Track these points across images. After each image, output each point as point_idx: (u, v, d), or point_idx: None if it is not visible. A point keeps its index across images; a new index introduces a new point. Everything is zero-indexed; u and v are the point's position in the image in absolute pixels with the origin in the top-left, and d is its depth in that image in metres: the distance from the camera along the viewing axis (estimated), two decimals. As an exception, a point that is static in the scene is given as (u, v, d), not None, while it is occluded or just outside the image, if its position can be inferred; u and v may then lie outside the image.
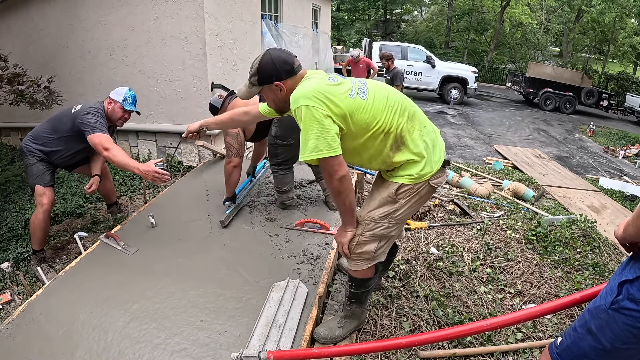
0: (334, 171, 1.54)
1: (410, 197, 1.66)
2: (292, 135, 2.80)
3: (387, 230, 1.71)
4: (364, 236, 1.71)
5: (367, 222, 1.70)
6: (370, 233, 1.70)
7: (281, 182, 3.00)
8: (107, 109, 2.85)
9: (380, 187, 1.73)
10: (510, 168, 6.65)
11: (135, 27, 4.42)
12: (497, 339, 2.09)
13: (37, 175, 2.83)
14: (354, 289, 1.88)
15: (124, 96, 2.85)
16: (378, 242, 1.73)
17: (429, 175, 1.64)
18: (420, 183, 1.64)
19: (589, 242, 3.06)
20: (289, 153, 2.90)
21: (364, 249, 1.73)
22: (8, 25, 5.59)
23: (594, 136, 10.70)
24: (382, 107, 1.59)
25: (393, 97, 1.64)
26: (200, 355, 1.80)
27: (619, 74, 19.40)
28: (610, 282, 1.14)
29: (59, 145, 2.85)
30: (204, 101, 4.37)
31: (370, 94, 1.61)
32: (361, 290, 1.89)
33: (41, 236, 2.85)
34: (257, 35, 5.80)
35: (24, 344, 1.90)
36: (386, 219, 1.69)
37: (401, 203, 1.67)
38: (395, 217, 1.69)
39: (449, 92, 12.75)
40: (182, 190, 3.52)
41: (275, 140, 2.85)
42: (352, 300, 1.93)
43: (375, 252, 1.74)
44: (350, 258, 1.79)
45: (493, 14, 23.43)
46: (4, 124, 6.09)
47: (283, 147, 2.86)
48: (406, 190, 1.65)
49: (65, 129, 2.79)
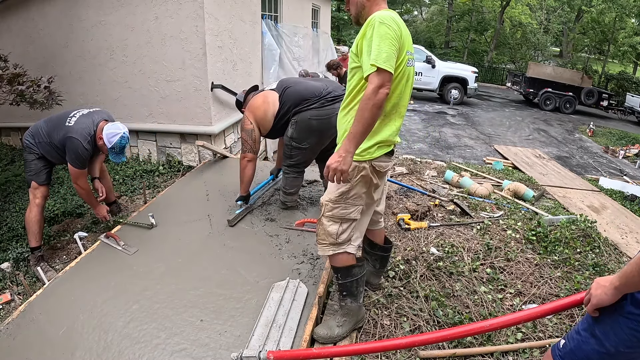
0: (385, 85, 1.55)
1: (357, 177, 1.77)
2: (307, 139, 2.79)
3: (345, 211, 1.82)
4: (325, 217, 1.85)
5: (325, 204, 1.84)
6: (329, 214, 1.83)
7: (290, 184, 2.99)
8: (97, 138, 2.83)
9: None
10: (510, 168, 6.64)
11: (135, 27, 4.41)
12: (497, 339, 2.09)
13: (34, 172, 2.90)
14: (341, 279, 1.94)
15: (112, 145, 2.77)
16: (339, 224, 1.84)
17: (369, 158, 1.76)
18: (363, 162, 1.76)
19: (589, 242, 3.06)
20: (303, 157, 2.89)
21: (327, 230, 1.84)
22: (8, 25, 5.59)
23: (594, 136, 10.70)
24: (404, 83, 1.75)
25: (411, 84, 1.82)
26: (200, 355, 1.80)
27: (619, 74, 19.39)
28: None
29: (50, 149, 2.89)
30: (204, 101, 4.38)
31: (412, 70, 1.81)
32: (348, 280, 1.94)
33: (37, 231, 2.87)
34: (257, 35, 5.80)
35: (24, 344, 1.90)
36: (342, 200, 1.81)
37: (352, 182, 1.78)
38: (349, 197, 1.80)
39: (449, 92, 12.75)
40: (182, 190, 3.52)
41: (291, 142, 2.83)
42: (343, 294, 1.98)
43: (338, 235, 1.84)
44: (317, 241, 1.91)
45: (493, 14, 23.43)
46: (4, 124, 6.09)
47: (297, 150, 2.85)
48: (354, 168, 1.75)
49: (57, 138, 2.83)
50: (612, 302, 1.07)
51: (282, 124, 2.83)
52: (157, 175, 4.51)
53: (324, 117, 2.72)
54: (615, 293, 1.06)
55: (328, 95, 2.75)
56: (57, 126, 2.84)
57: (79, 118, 2.82)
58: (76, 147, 2.72)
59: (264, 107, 2.79)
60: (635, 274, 1.00)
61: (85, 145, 2.74)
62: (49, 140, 2.86)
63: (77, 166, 2.79)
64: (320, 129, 2.75)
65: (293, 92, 2.77)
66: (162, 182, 4.33)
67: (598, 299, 1.09)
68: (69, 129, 2.76)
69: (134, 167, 4.64)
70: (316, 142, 2.82)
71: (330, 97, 2.74)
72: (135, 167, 4.63)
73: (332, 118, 2.72)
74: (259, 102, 2.81)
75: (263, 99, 2.81)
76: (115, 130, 2.78)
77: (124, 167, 4.67)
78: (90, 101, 4.78)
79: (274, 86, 2.87)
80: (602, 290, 1.08)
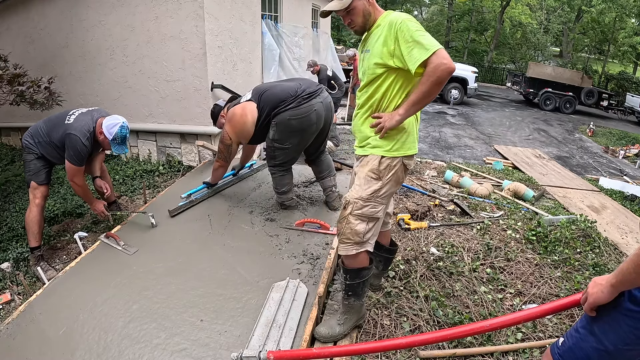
0: (448, 59, 1.57)
1: (390, 174, 1.79)
2: (289, 139, 2.81)
3: (374, 210, 1.82)
4: (353, 215, 1.81)
5: (355, 201, 1.80)
6: (359, 212, 1.80)
7: (279, 183, 3.00)
8: (97, 133, 2.83)
9: (360, 167, 1.86)
10: (510, 168, 6.64)
11: (135, 27, 4.41)
12: (497, 339, 2.09)
13: (33, 172, 2.90)
14: (349, 280, 1.92)
15: (114, 135, 2.76)
16: (367, 223, 1.83)
17: (403, 154, 1.79)
18: (397, 158, 1.79)
19: (589, 242, 3.06)
20: (287, 156, 2.91)
21: (355, 229, 1.81)
22: (8, 25, 5.59)
23: (594, 136, 10.70)
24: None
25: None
26: (200, 355, 1.80)
27: (619, 74, 19.40)
28: None
29: (50, 148, 2.89)
30: (204, 101, 4.38)
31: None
32: (356, 282, 1.92)
33: (37, 231, 2.88)
34: (257, 35, 5.80)
35: (24, 344, 1.90)
36: (373, 198, 1.80)
37: (384, 180, 1.79)
38: (380, 195, 1.81)
39: (449, 92, 12.74)
40: (182, 190, 3.51)
41: (273, 143, 2.85)
42: (348, 294, 1.96)
43: (364, 234, 1.83)
44: (340, 240, 1.87)
45: (493, 14, 23.43)
46: (4, 124, 6.10)
47: (280, 150, 2.87)
48: (386, 166, 1.78)
49: (56, 137, 2.83)
50: (609, 300, 1.07)
51: (262, 128, 2.85)
52: (157, 175, 4.51)
53: (303, 116, 2.73)
54: (611, 291, 1.06)
55: (303, 93, 2.76)
56: (57, 125, 2.84)
57: (77, 116, 2.84)
58: (75, 143, 2.72)
59: (243, 120, 2.81)
60: (631, 270, 1.00)
61: (84, 142, 2.74)
62: (48, 140, 2.86)
63: (74, 162, 2.78)
64: (300, 127, 2.78)
65: (269, 96, 2.79)
66: (162, 182, 4.33)
67: (595, 297, 1.09)
68: (68, 126, 2.77)
69: (134, 167, 4.64)
70: (298, 141, 2.85)
71: (305, 95, 2.76)
72: (135, 167, 4.63)
73: (311, 115, 2.75)
74: (237, 116, 2.83)
75: (241, 111, 2.82)
76: (114, 121, 2.78)
77: (124, 167, 4.68)
78: (90, 101, 4.79)
79: (249, 96, 2.88)
80: (599, 288, 1.08)
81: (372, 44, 1.76)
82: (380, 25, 1.73)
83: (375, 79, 1.76)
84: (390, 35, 1.66)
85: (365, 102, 1.83)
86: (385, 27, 1.69)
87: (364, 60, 1.83)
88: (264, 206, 3.16)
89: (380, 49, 1.70)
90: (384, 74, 1.73)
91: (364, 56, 1.83)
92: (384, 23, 1.71)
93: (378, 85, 1.77)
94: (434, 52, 1.57)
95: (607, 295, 1.07)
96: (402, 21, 1.63)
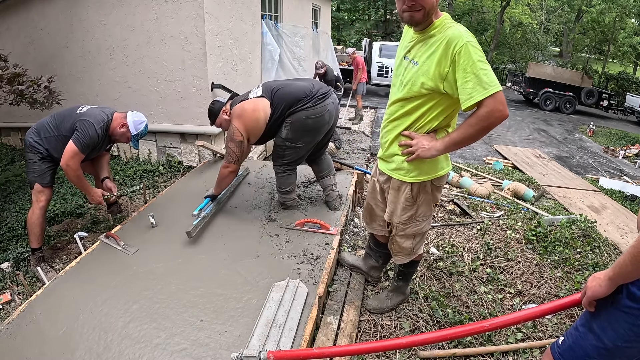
0: (504, 105, 1.47)
1: (420, 197, 1.84)
2: (302, 138, 2.79)
3: (417, 228, 1.93)
4: (398, 236, 1.96)
5: (397, 225, 1.93)
6: (402, 233, 1.95)
7: (285, 182, 2.99)
8: (115, 125, 2.85)
9: (392, 191, 1.90)
10: (510, 168, 6.64)
11: (135, 27, 4.41)
12: (497, 339, 2.09)
13: (38, 174, 2.85)
14: (404, 267, 2.15)
15: (138, 132, 2.91)
16: (413, 239, 1.97)
17: (433, 176, 1.80)
18: (425, 182, 1.80)
19: (589, 242, 3.06)
20: (296, 155, 2.88)
21: (403, 246, 1.98)
22: (8, 25, 5.59)
23: (594, 136, 10.70)
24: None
25: None
26: (200, 355, 1.80)
27: (619, 74, 19.41)
28: None
29: (57, 143, 2.83)
30: (204, 101, 4.37)
31: None
32: (410, 270, 2.20)
33: (39, 232, 2.86)
34: (257, 35, 5.79)
35: (24, 344, 1.90)
36: (411, 220, 1.90)
37: (418, 203, 1.85)
38: (417, 216, 1.89)
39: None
40: (182, 190, 3.52)
41: (285, 142, 2.80)
42: (399, 277, 2.22)
43: (412, 248, 2.00)
44: (393, 254, 2.07)
45: (493, 14, 23.43)
46: (4, 124, 6.09)
47: (291, 149, 2.84)
48: (417, 191, 1.82)
49: (67, 127, 2.80)
50: (607, 293, 1.08)
51: (272, 127, 2.76)
52: (157, 175, 4.51)
53: (318, 115, 2.73)
54: (609, 284, 1.06)
55: (317, 93, 2.75)
56: (67, 117, 2.83)
57: (90, 108, 2.87)
58: (88, 127, 2.70)
59: (255, 115, 2.66)
60: (628, 262, 1.00)
61: (97, 129, 2.73)
62: (57, 134, 2.82)
63: (79, 146, 2.67)
64: (315, 127, 2.77)
65: (284, 94, 2.72)
66: (162, 182, 4.33)
67: (593, 290, 1.10)
68: (82, 114, 2.78)
69: (134, 167, 4.64)
70: (311, 139, 2.84)
71: (319, 95, 2.75)
72: (135, 167, 4.63)
73: (325, 115, 2.75)
74: (249, 111, 2.67)
75: (253, 106, 2.68)
76: (140, 118, 2.94)
77: (124, 167, 4.68)
78: (90, 101, 4.78)
79: (259, 92, 2.74)
80: (597, 282, 1.09)
81: (422, 56, 1.57)
82: (436, 36, 1.53)
83: (418, 97, 1.63)
84: (447, 56, 1.49)
85: (400, 117, 1.72)
86: (442, 43, 1.50)
87: (408, 71, 1.64)
88: (264, 206, 3.16)
89: (433, 70, 1.53)
90: (429, 94, 1.60)
91: (408, 66, 1.64)
92: (440, 35, 1.52)
93: (419, 104, 1.64)
94: (492, 95, 1.43)
95: (605, 289, 1.07)
96: (465, 44, 1.45)
